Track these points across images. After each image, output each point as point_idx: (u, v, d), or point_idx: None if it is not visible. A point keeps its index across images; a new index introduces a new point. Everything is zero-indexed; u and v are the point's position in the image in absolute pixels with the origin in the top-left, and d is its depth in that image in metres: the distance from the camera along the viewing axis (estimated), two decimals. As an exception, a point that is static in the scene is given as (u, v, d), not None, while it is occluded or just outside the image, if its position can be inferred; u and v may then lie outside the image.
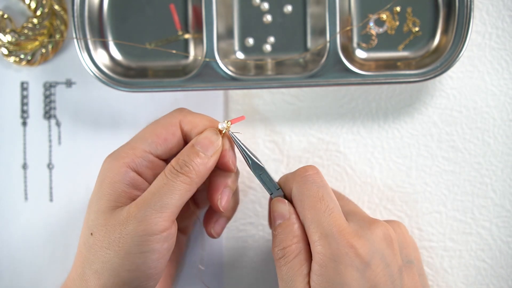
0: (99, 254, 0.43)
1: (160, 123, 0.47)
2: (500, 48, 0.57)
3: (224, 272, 0.58)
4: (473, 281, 0.58)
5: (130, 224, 0.43)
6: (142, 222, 0.42)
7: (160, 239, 0.43)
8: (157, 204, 0.43)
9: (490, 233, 0.58)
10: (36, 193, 0.58)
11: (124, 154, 0.46)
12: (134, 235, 0.42)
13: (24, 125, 0.58)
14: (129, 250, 0.42)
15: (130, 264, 0.43)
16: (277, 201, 0.46)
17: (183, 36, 0.57)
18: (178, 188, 0.44)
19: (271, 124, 0.58)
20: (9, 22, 0.57)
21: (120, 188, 0.45)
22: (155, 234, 0.43)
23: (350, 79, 0.54)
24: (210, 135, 0.46)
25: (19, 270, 0.58)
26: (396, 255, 0.44)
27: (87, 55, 0.55)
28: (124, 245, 0.42)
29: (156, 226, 0.43)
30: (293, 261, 0.43)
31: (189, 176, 0.44)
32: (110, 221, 0.44)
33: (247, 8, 0.57)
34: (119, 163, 0.45)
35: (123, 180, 0.45)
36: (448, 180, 0.58)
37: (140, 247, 0.42)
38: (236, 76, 0.54)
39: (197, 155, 0.45)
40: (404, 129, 0.58)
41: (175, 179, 0.44)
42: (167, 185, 0.44)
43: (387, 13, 0.56)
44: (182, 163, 0.44)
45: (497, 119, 0.57)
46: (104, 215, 0.44)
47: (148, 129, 0.47)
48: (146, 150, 0.46)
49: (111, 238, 0.43)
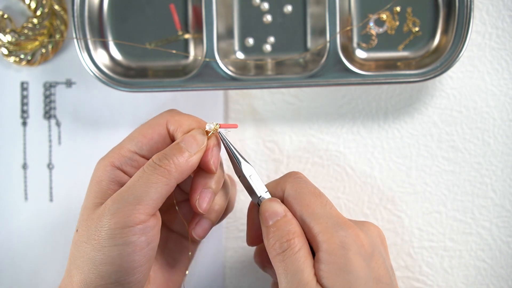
0: (80, 249, 0.44)
1: (148, 124, 0.48)
2: (500, 48, 0.57)
3: (224, 272, 0.58)
4: (473, 281, 0.58)
5: (104, 217, 0.43)
6: (115, 214, 0.43)
7: (136, 231, 0.43)
8: (130, 197, 0.43)
9: (490, 233, 0.58)
10: (36, 193, 0.58)
11: (112, 154, 0.46)
12: (108, 228, 0.43)
13: (24, 125, 0.58)
14: (103, 243, 0.43)
15: (106, 258, 0.43)
16: (270, 201, 0.46)
17: (183, 36, 0.57)
18: (154, 181, 0.44)
19: (271, 124, 0.58)
20: (9, 22, 0.57)
21: (106, 186, 0.45)
22: (128, 226, 0.42)
23: (350, 79, 0.54)
24: (196, 133, 0.46)
25: (19, 269, 0.58)
26: (388, 254, 0.46)
27: (87, 55, 0.55)
28: (99, 238, 0.43)
29: (129, 218, 0.42)
30: (298, 252, 0.43)
31: (167, 169, 0.44)
32: (90, 216, 0.44)
33: (247, 8, 0.57)
34: (105, 162, 0.46)
35: (109, 178, 0.45)
36: (448, 180, 0.58)
37: (114, 240, 0.43)
38: (236, 76, 0.54)
39: (180, 150, 0.45)
40: (404, 129, 0.58)
41: (152, 172, 0.44)
42: (142, 178, 0.44)
43: (387, 13, 0.56)
44: (162, 156, 0.44)
45: (497, 119, 0.57)
46: (87, 211, 0.45)
47: (137, 130, 0.48)
48: (132, 149, 0.46)
49: (89, 233, 0.44)
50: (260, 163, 0.58)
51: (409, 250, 0.58)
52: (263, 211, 0.45)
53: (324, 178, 0.58)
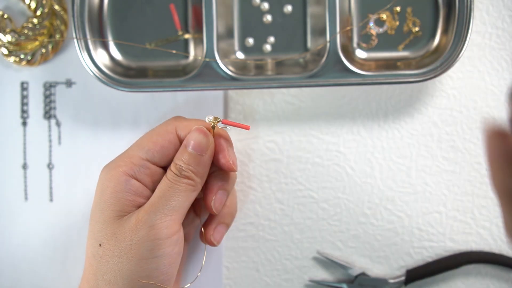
0: (111, 263, 0.43)
1: (156, 131, 0.47)
2: (500, 48, 0.57)
3: (224, 272, 0.58)
4: (473, 281, 0.58)
5: (140, 230, 0.43)
6: (153, 226, 0.42)
7: (171, 242, 0.43)
8: (165, 207, 0.43)
9: (490, 233, 0.58)
10: (36, 193, 0.58)
11: (122, 163, 0.46)
12: (146, 240, 0.42)
13: (24, 125, 0.58)
14: (142, 256, 0.42)
15: (143, 271, 0.43)
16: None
17: (183, 36, 0.57)
18: (183, 189, 0.44)
19: (271, 124, 0.58)
20: (9, 22, 0.57)
21: (123, 197, 0.45)
22: (166, 237, 0.43)
23: (350, 79, 0.54)
24: (197, 133, 0.46)
25: (19, 270, 0.58)
26: None
27: (87, 55, 0.55)
28: (137, 251, 0.42)
29: (166, 229, 0.43)
30: None
31: (190, 177, 0.45)
32: (119, 230, 0.43)
33: (247, 8, 0.57)
34: (118, 172, 0.45)
35: (125, 188, 0.45)
36: (448, 180, 0.58)
37: (153, 252, 0.42)
38: (236, 76, 0.54)
39: (193, 157, 0.45)
40: (404, 129, 0.58)
41: (179, 181, 0.44)
42: (172, 188, 0.44)
43: (387, 13, 0.56)
44: (179, 168, 0.45)
45: (497, 119, 0.57)
46: (111, 225, 0.44)
47: (145, 137, 0.47)
48: (143, 157, 0.46)
49: (122, 246, 0.43)
50: (260, 163, 0.58)
51: (409, 250, 0.58)
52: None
53: (324, 178, 0.58)
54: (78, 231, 0.58)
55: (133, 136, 0.57)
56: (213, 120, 0.47)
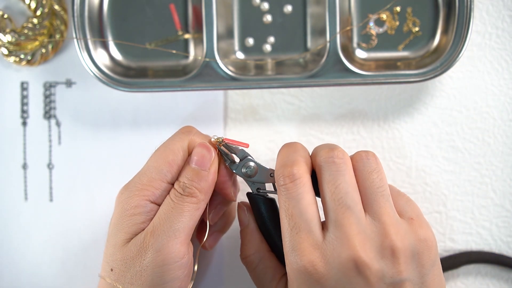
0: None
1: (170, 149, 0.46)
2: (500, 48, 0.57)
3: (224, 272, 0.58)
4: (473, 281, 0.58)
5: (147, 255, 0.42)
6: (160, 251, 0.42)
7: (181, 266, 0.42)
8: (170, 229, 0.42)
9: (490, 233, 0.58)
10: (36, 193, 0.58)
11: (142, 187, 0.45)
12: (155, 265, 0.42)
13: (24, 125, 0.58)
14: (152, 282, 0.42)
15: None
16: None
17: (183, 36, 0.57)
18: (187, 209, 0.43)
19: (271, 124, 0.58)
20: (9, 22, 0.57)
21: (139, 220, 0.44)
22: (175, 262, 0.42)
23: (350, 79, 0.54)
24: (200, 148, 0.45)
25: (19, 270, 0.58)
26: None
27: (87, 55, 0.55)
28: (147, 277, 0.42)
29: (174, 253, 0.42)
30: None
31: (194, 196, 0.44)
32: (127, 254, 0.43)
33: (247, 8, 0.57)
34: (140, 198, 0.44)
35: (143, 212, 0.44)
36: (448, 180, 0.58)
37: (163, 278, 0.42)
38: (236, 76, 0.54)
39: (196, 173, 0.45)
40: (404, 129, 0.58)
41: (182, 201, 0.44)
42: (175, 209, 0.43)
43: (387, 13, 0.56)
44: (183, 185, 0.44)
45: (497, 119, 0.57)
46: (121, 249, 0.44)
47: (160, 157, 0.46)
48: (163, 180, 0.45)
49: (132, 272, 0.43)
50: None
51: (409, 250, 0.58)
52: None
53: (324, 178, 0.58)
54: (78, 231, 0.58)
55: (133, 136, 0.58)
56: (216, 140, 0.46)
